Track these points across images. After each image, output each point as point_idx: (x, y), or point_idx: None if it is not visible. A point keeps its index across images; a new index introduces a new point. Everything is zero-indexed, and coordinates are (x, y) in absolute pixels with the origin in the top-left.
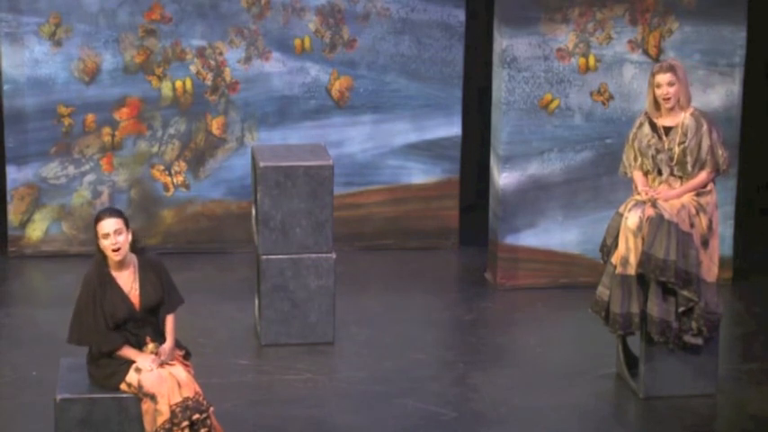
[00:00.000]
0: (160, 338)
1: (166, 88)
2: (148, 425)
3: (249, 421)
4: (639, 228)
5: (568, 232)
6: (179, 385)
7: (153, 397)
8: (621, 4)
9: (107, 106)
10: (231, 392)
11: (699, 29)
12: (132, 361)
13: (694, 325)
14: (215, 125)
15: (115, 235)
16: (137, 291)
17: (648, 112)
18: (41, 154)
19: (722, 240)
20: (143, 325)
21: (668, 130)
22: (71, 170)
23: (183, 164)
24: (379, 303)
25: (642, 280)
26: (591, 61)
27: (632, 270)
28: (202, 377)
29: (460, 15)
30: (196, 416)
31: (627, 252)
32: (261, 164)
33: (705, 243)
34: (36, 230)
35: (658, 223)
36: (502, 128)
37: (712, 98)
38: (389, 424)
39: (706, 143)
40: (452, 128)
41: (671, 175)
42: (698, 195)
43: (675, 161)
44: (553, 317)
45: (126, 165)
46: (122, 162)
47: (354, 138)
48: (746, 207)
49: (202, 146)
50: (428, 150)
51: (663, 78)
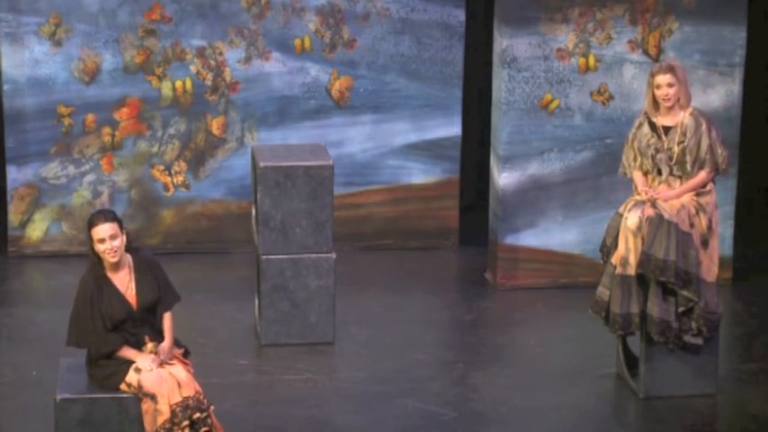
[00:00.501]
0: (159, 337)
1: (166, 88)
2: (149, 425)
3: (249, 421)
4: (639, 228)
5: (568, 232)
6: (179, 385)
7: (153, 397)
8: (621, 4)
9: (107, 106)
10: (231, 392)
11: (699, 29)
12: (132, 361)
13: (694, 325)
14: (215, 125)
15: (111, 240)
16: (133, 290)
17: (648, 112)
18: (41, 154)
19: (722, 240)
20: (141, 325)
21: (668, 130)
22: (71, 170)
23: (183, 164)
24: (379, 303)
25: (642, 280)
26: (591, 61)
27: (632, 270)
28: (202, 377)
29: (460, 15)
30: (197, 415)
31: (627, 252)
32: (261, 164)
33: (705, 243)
34: (36, 230)
35: (658, 223)
36: (502, 128)
37: (712, 98)
38: (389, 424)
39: (705, 142)
40: (452, 128)
41: (670, 175)
42: (697, 195)
43: (675, 161)
44: (553, 317)
45: (126, 165)
46: (122, 162)
47: (354, 138)
48: (746, 207)
49: (202, 146)
50: (428, 150)
51: (663, 79)
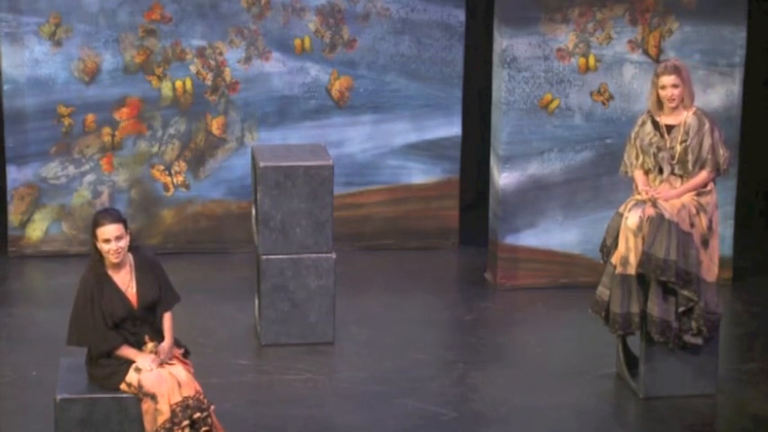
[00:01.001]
0: (159, 337)
1: (166, 88)
2: (149, 425)
3: (249, 421)
4: (639, 227)
5: (568, 232)
6: (179, 385)
7: (153, 397)
8: (621, 4)
9: (107, 106)
10: (231, 392)
11: (699, 29)
12: (132, 361)
13: (694, 325)
14: (215, 125)
15: (116, 241)
16: (134, 289)
17: (651, 111)
18: (41, 154)
19: (722, 240)
20: (141, 324)
21: (670, 129)
22: (71, 170)
23: (183, 164)
24: (379, 303)
25: (642, 280)
26: (591, 61)
27: (632, 270)
28: (202, 377)
29: (460, 15)
30: (197, 414)
31: (627, 252)
32: (261, 164)
33: (705, 243)
34: (36, 230)
35: (659, 223)
36: (502, 128)
37: (712, 98)
38: (389, 424)
39: (707, 142)
40: (452, 128)
41: (672, 174)
42: (698, 195)
43: (677, 159)
44: (553, 317)
45: (126, 165)
46: (122, 162)
47: (354, 138)
48: (746, 207)
49: (202, 146)
50: (428, 150)
51: (667, 80)
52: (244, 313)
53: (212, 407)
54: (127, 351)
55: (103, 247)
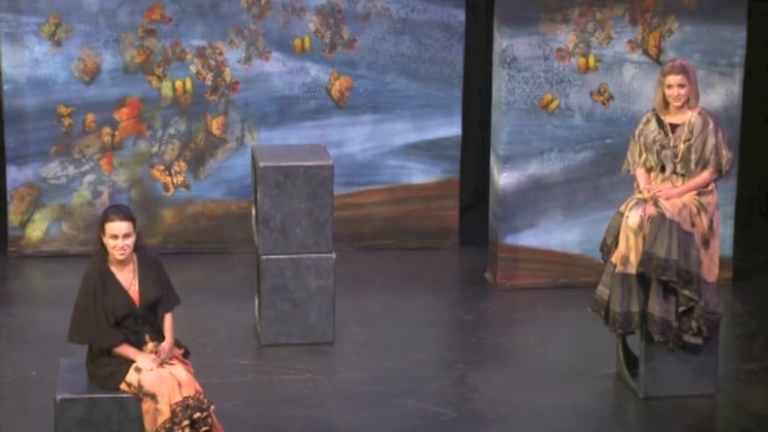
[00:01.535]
0: (159, 337)
1: (166, 88)
2: (149, 424)
3: (249, 421)
4: (640, 227)
5: (568, 232)
6: (179, 385)
7: (153, 396)
8: (621, 4)
9: (107, 106)
10: (231, 392)
11: (699, 29)
12: (132, 361)
13: (694, 325)
14: (215, 125)
15: (124, 238)
16: (136, 287)
17: (657, 110)
18: (41, 154)
19: (722, 240)
20: (143, 323)
21: (674, 128)
22: (71, 170)
23: (183, 164)
24: (379, 303)
25: (642, 279)
26: (591, 61)
27: (632, 269)
28: (202, 377)
29: (460, 15)
30: (197, 414)
31: (627, 251)
32: (261, 164)
33: (706, 243)
34: (36, 230)
35: (660, 222)
36: (502, 128)
37: (712, 98)
38: (389, 424)
39: (711, 142)
40: (452, 128)
41: (673, 173)
42: (699, 195)
43: (680, 158)
44: (553, 317)
45: (126, 165)
46: (122, 162)
47: (354, 138)
48: (746, 207)
49: (202, 146)
50: (428, 150)
51: (674, 80)
52: (244, 313)
53: (212, 407)
54: (127, 350)
55: (110, 243)
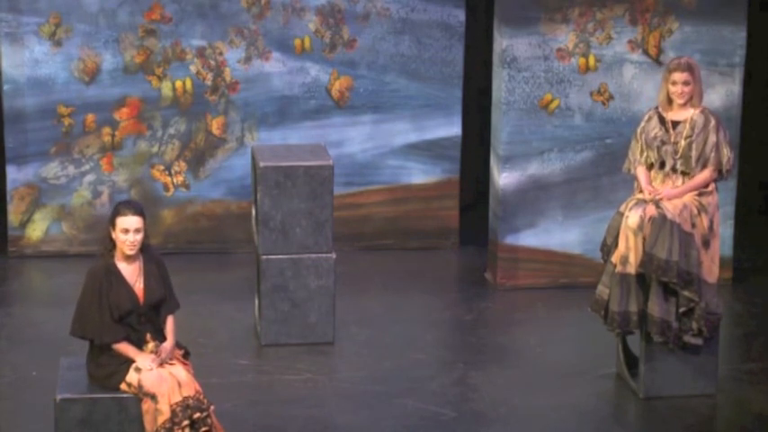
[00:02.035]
0: (160, 337)
1: (166, 88)
2: (149, 424)
3: (249, 421)
4: (640, 227)
5: (568, 232)
6: (179, 385)
7: (153, 396)
8: (621, 4)
9: (107, 106)
10: (231, 392)
11: (699, 29)
12: (132, 360)
13: (695, 325)
14: (215, 125)
15: (134, 233)
16: (141, 285)
17: (660, 107)
18: (41, 154)
19: (722, 241)
20: (145, 321)
21: (676, 125)
22: (71, 170)
23: (183, 164)
24: (379, 303)
25: (642, 279)
26: (591, 61)
27: (632, 269)
28: (202, 377)
29: (460, 15)
30: (197, 414)
31: (627, 251)
32: (261, 164)
33: (706, 243)
34: (36, 230)
35: (661, 223)
36: (502, 128)
37: (712, 98)
38: (389, 424)
39: (712, 140)
40: (452, 128)
41: (673, 171)
42: (699, 195)
43: (680, 155)
44: (553, 317)
45: (126, 165)
46: (122, 162)
47: (354, 138)
48: (746, 207)
49: (202, 146)
50: (428, 150)
51: (679, 77)
52: (244, 313)
53: (212, 407)
54: (127, 349)
55: (120, 237)
